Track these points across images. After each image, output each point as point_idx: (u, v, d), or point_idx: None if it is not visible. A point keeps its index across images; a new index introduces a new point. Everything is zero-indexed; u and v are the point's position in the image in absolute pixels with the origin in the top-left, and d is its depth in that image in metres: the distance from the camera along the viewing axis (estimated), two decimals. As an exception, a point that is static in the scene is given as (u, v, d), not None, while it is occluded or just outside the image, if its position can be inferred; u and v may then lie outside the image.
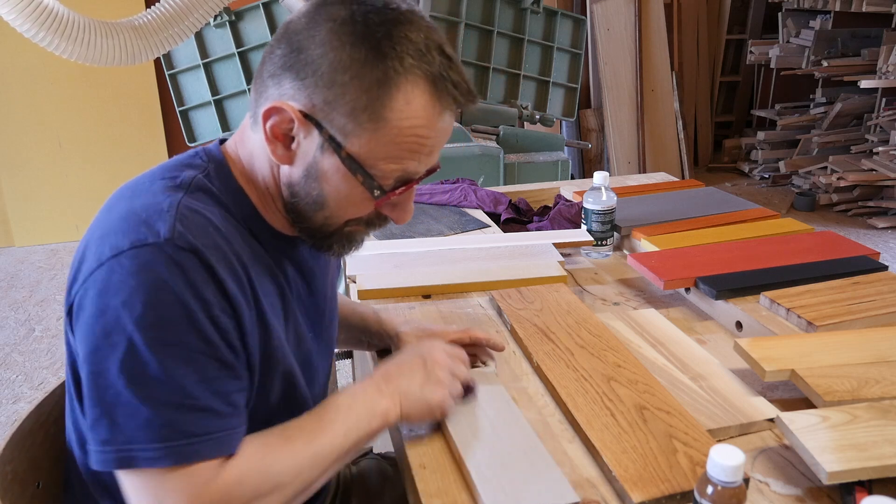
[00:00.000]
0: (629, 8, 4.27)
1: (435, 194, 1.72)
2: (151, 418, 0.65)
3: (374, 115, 0.68)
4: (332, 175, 0.72)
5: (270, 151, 0.72)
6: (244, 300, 0.71)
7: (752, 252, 1.28)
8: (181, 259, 0.66)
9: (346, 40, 0.67)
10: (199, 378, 0.67)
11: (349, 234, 0.79)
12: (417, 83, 0.69)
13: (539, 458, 0.78)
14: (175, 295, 0.65)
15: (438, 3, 2.86)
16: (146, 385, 0.65)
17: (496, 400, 0.89)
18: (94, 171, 3.74)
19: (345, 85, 0.68)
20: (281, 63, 0.70)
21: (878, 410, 0.80)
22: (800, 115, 4.62)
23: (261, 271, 0.76)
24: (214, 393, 0.68)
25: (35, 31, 1.98)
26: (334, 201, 0.74)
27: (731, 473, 0.61)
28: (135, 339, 0.65)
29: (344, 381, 2.39)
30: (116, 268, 0.66)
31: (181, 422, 0.66)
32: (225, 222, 0.73)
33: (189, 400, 0.66)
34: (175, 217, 0.68)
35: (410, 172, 0.74)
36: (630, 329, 1.08)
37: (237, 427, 0.70)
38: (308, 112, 0.70)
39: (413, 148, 0.71)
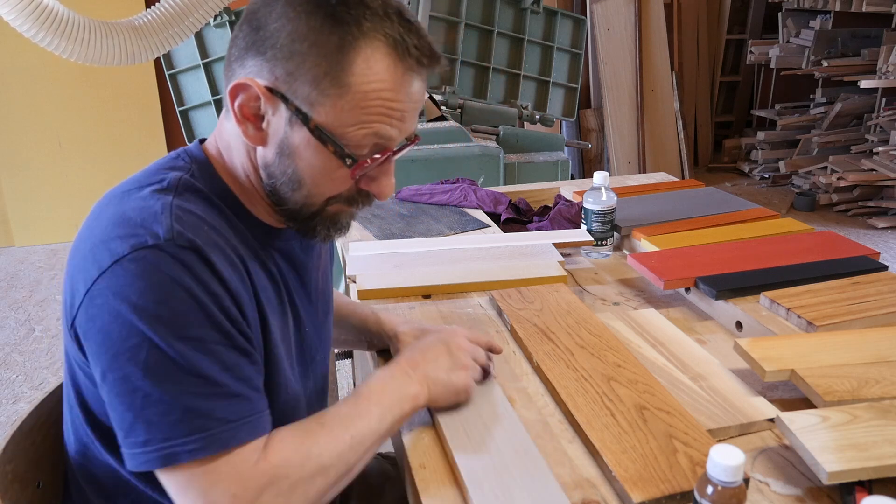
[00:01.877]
0: (629, 8, 4.27)
1: (435, 194, 1.72)
2: (185, 412, 0.66)
3: (336, 80, 0.68)
4: (303, 149, 0.72)
5: (242, 133, 0.72)
6: (245, 293, 0.72)
7: (752, 252, 1.28)
8: (184, 257, 0.67)
9: (302, 10, 0.68)
10: (222, 367, 0.68)
11: (333, 216, 0.79)
12: (377, 46, 0.69)
13: (532, 462, 0.78)
14: (185, 291, 0.66)
15: (438, 3, 2.86)
16: (174, 381, 0.66)
17: (492, 402, 0.89)
18: (94, 171, 3.74)
19: (304, 54, 0.68)
20: (243, 45, 0.71)
21: (878, 410, 0.80)
22: (800, 115, 4.62)
23: (257, 265, 0.77)
24: (239, 379, 0.69)
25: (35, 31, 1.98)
26: (310, 177, 0.73)
27: (731, 473, 0.61)
28: (154, 339, 0.65)
29: (344, 382, 2.39)
30: (121, 272, 0.66)
31: (215, 410, 0.67)
32: (217, 219, 0.74)
33: (218, 388, 0.67)
34: (171, 217, 0.68)
35: (383, 138, 0.72)
36: (630, 329, 1.08)
37: (265, 409, 0.72)
38: (272, 86, 0.70)
39: (380, 111, 0.70)
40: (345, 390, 2.34)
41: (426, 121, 2.46)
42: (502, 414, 0.87)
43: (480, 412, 0.87)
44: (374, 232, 1.53)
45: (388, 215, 1.64)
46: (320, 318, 0.91)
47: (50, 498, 0.89)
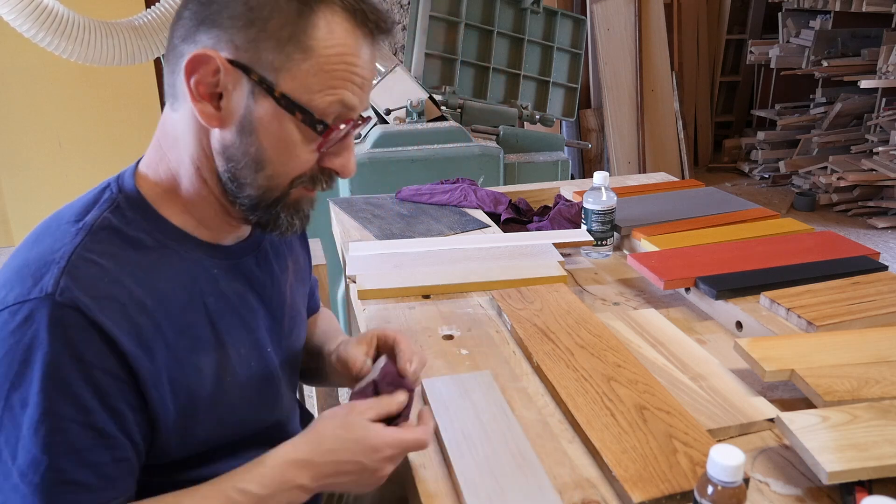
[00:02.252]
0: (629, 8, 4.27)
1: (435, 194, 1.72)
2: (17, 486, 0.63)
3: (300, 45, 0.67)
4: (268, 122, 0.68)
5: (199, 112, 0.68)
6: (143, 352, 0.67)
7: (752, 252, 1.28)
8: (62, 315, 0.63)
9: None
10: (67, 448, 0.63)
11: (295, 203, 0.74)
12: (336, 11, 0.68)
13: (528, 465, 0.78)
14: (50, 356, 0.62)
15: (438, 3, 2.86)
16: (15, 452, 0.63)
17: (490, 404, 0.89)
18: (94, 171, 3.73)
19: (265, 20, 0.66)
20: (193, 21, 0.68)
21: (878, 410, 0.80)
22: (800, 115, 4.62)
23: (180, 306, 0.71)
24: (84, 465, 0.64)
25: (35, 31, 1.98)
26: (275, 153, 0.70)
27: (732, 473, 0.61)
28: (12, 400, 0.63)
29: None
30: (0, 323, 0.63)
31: (46, 492, 0.63)
32: (130, 265, 0.69)
33: (54, 473, 0.63)
34: (63, 269, 0.64)
35: (347, 107, 0.70)
36: (630, 329, 1.08)
37: (110, 500, 0.66)
38: (232, 57, 0.67)
39: (344, 76, 0.69)
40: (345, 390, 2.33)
41: (426, 121, 2.46)
42: (500, 415, 0.87)
43: (478, 413, 0.87)
44: (374, 232, 1.53)
45: (388, 215, 1.64)
46: (285, 333, 0.87)
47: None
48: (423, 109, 2.43)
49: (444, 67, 2.94)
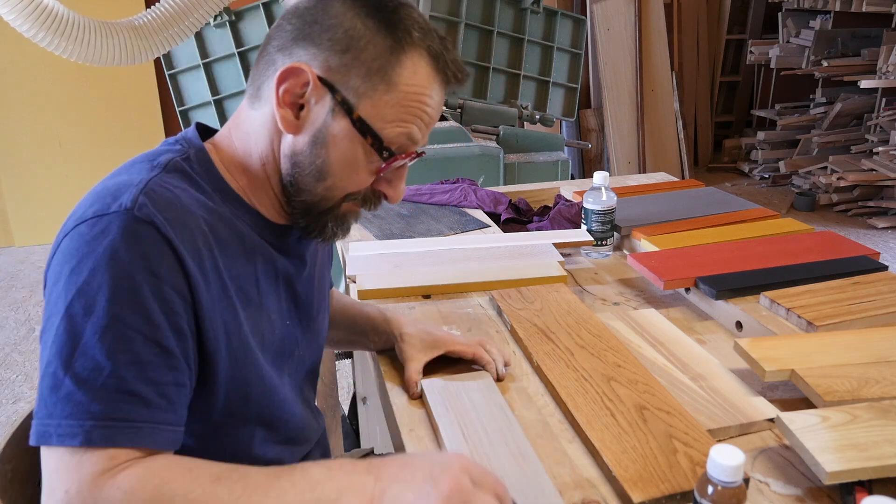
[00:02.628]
0: (629, 8, 4.27)
1: (435, 194, 1.72)
2: (72, 391, 0.62)
3: (386, 77, 0.73)
4: (340, 139, 0.74)
5: (280, 118, 0.74)
6: (202, 279, 0.69)
7: (752, 252, 1.28)
8: (138, 229, 0.65)
9: (361, 12, 0.73)
10: (131, 358, 0.63)
11: (344, 215, 0.80)
12: (422, 55, 0.74)
13: (529, 465, 0.78)
14: (124, 266, 0.64)
15: (438, 3, 2.86)
16: (74, 358, 0.62)
17: (490, 405, 0.89)
18: (94, 171, 3.74)
19: (360, 49, 0.72)
20: (293, 35, 0.74)
21: (878, 410, 0.80)
22: (800, 115, 4.62)
23: (233, 254, 0.75)
24: (146, 379, 0.64)
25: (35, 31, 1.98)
26: (339, 168, 0.75)
27: (731, 473, 0.61)
28: (74, 308, 0.63)
29: (344, 382, 2.39)
30: (76, 236, 0.66)
31: (101, 400, 0.62)
32: (197, 203, 0.73)
33: (115, 381, 0.62)
34: (141, 190, 0.68)
35: (412, 140, 0.76)
36: (630, 329, 1.08)
37: (164, 424, 0.65)
38: (323, 75, 0.73)
39: (416, 113, 0.75)
40: (345, 390, 2.34)
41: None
42: (499, 415, 0.87)
43: (478, 413, 0.87)
44: (374, 232, 1.53)
45: (388, 215, 1.64)
46: (314, 315, 0.90)
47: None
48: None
49: (444, 67, 2.94)
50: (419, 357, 0.97)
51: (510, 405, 0.90)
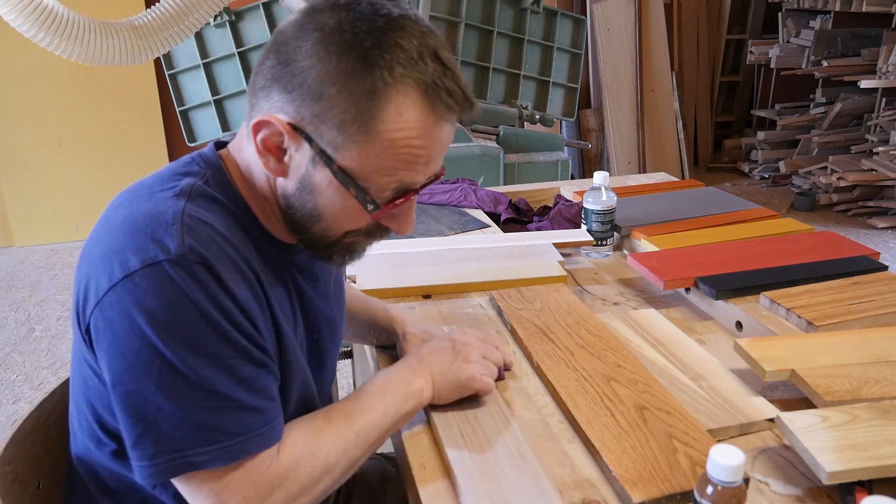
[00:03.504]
0: (629, 8, 4.27)
1: (435, 194, 1.72)
2: (198, 425, 0.66)
3: (364, 127, 0.67)
4: (325, 188, 0.71)
5: (263, 164, 0.72)
6: (257, 306, 0.72)
7: (752, 252, 1.28)
8: (195, 272, 0.66)
9: (333, 50, 0.66)
10: (236, 381, 0.68)
11: (349, 245, 0.78)
12: (409, 93, 0.67)
13: (528, 466, 0.77)
14: (197, 309, 0.66)
15: (438, 3, 2.86)
16: (186, 397, 0.66)
17: (490, 405, 0.89)
18: (94, 171, 3.74)
19: (332, 98, 0.66)
20: (270, 75, 0.69)
21: (878, 410, 0.80)
22: (800, 115, 4.62)
23: (270, 276, 0.76)
24: (254, 391, 0.70)
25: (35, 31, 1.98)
26: (330, 214, 0.73)
27: (731, 473, 0.61)
28: (167, 354, 0.65)
29: (344, 382, 2.39)
30: (132, 288, 0.65)
31: (226, 424, 0.67)
32: (231, 228, 0.73)
33: (231, 403, 0.68)
34: (182, 230, 0.67)
35: (407, 183, 0.72)
36: (630, 329, 1.08)
37: (278, 418, 0.72)
38: (297, 125, 0.68)
39: (407, 159, 0.69)
40: (345, 390, 2.34)
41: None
42: (498, 416, 0.87)
43: (476, 413, 0.87)
44: (374, 232, 1.53)
45: (388, 215, 1.64)
46: (336, 324, 0.91)
47: (50, 498, 0.89)
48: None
49: (444, 67, 2.94)
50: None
51: (510, 405, 0.90)
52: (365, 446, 0.78)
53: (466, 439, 0.82)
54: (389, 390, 0.82)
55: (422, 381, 0.85)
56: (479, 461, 0.78)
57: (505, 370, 0.98)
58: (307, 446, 0.73)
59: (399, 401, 0.82)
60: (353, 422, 0.77)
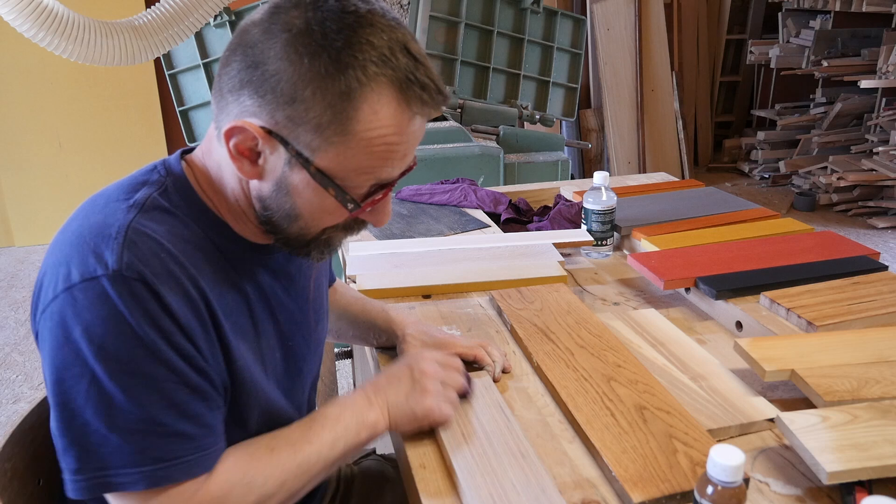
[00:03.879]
0: (629, 8, 4.27)
1: (435, 194, 1.72)
2: (121, 445, 0.65)
3: (341, 128, 0.66)
4: (302, 189, 0.70)
5: (237, 169, 0.70)
6: (199, 326, 0.70)
7: (752, 252, 1.28)
8: (133, 289, 0.65)
9: (304, 52, 0.64)
10: (167, 404, 0.67)
11: (327, 240, 0.78)
12: (383, 91, 0.66)
13: (530, 466, 0.77)
14: (132, 327, 0.65)
15: (438, 3, 2.86)
16: (113, 415, 0.65)
17: (490, 405, 0.89)
18: (94, 171, 3.74)
19: (307, 101, 0.65)
20: (239, 78, 0.67)
21: (878, 410, 0.80)
22: (800, 115, 4.62)
23: (223, 290, 0.74)
24: (185, 417, 0.68)
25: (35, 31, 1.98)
26: (308, 213, 0.73)
27: (732, 473, 0.61)
28: (97, 372, 0.64)
29: (344, 382, 2.39)
30: (71, 301, 0.65)
31: (152, 448, 0.66)
32: (181, 242, 0.71)
33: (158, 427, 0.66)
34: (123, 245, 0.66)
35: (384, 179, 0.72)
36: (630, 329, 1.08)
37: (212, 446, 0.70)
38: (271, 129, 0.67)
39: (384, 156, 0.69)
40: (344, 390, 2.34)
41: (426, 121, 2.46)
42: (499, 416, 0.87)
43: (477, 413, 0.87)
44: (374, 232, 1.53)
45: (388, 215, 1.64)
46: (312, 325, 0.90)
47: (51, 495, 0.89)
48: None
49: (444, 67, 2.94)
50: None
51: (510, 405, 0.90)
52: (307, 478, 0.76)
53: (467, 439, 0.82)
54: (342, 421, 0.80)
55: (377, 412, 0.82)
56: (481, 461, 0.78)
57: (504, 372, 0.98)
58: (242, 475, 0.72)
59: (351, 433, 0.79)
60: (298, 451, 0.75)
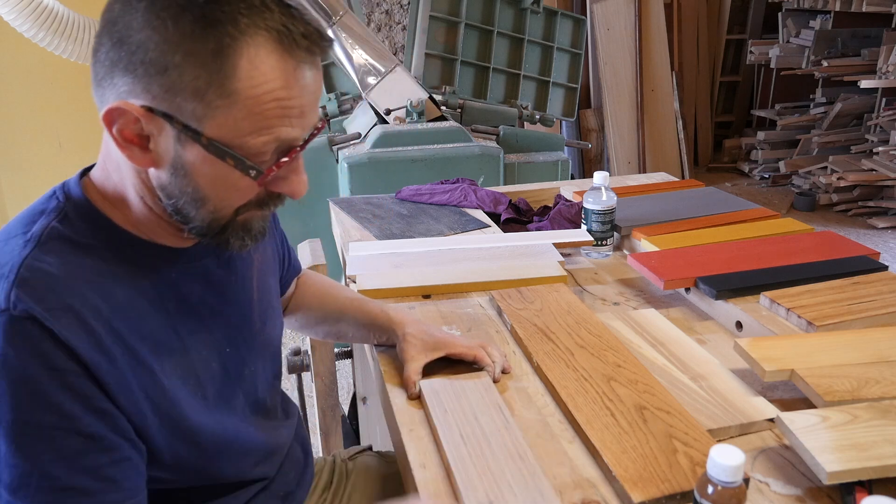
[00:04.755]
0: (629, 8, 4.27)
1: (435, 194, 1.72)
2: (9, 493, 0.61)
3: (222, 90, 0.61)
4: (200, 166, 0.65)
5: (128, 158, 0.65)
6: (104, 358, 0.64)
7: (752, 252, 1.28)
8: (21, 329, 0.60)
9: (167, 15, 0.60)
10: (57, 456, 0.61)
11: (244, 224, 0.71)
12: (260, 43, 0.61)
13: (527, 467, 0.77)
14: (19, 370, 0.60)
15: (438, 3, 2.86)
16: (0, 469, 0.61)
17: (490, 406, 0.89)
18: (94, 171, 3.74)
19: (179, 66, 0.60)
20: (108, 61, 0.63)
21: (878, 410, 0.80)
22: (800, 115, 4.63)
23: (139, 312, 0.69)
24: (79, 469, 0.63)
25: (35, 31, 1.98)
26: (213, 193, 0.67)
27: (732, 473, 0.61)
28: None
29: (344, 382, 2.39)
30: None
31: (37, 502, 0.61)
32: (83, 271, 0.66)
33: (48, 481, 0.61)
34: (13, 282, 0.62)
35: (286, 140, 0.65)
36: (630, 329, 1.08)
37: (112, 501, 0.65)
38: (150, 106, 0.62)
39: (277, 113, 0.63)
40: (344, 390, 2.34)
41: (426, 121, 2.46)
42: (497, 417, 0.86)
43: (476, 414, 0.87)
44: (374, 232, 1.53)
45: (388, 215, 1.64)
46: (256, 327, 0.85)
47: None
48: (423, 109, 2.43)
49: (444, 67, 2.94)
50: (419, 358, 0.96)
51: (510, 405, 0.90)
52: None
53: (466, 440, 0.82)
54: None
55: None
56: (479, 462, 0.78)
57: (504, 373, 0.97)
58: None
59: None
60: None
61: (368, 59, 2.49)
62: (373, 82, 2.47)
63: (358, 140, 2.46)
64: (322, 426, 1.57)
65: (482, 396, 0.90)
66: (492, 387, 0.93)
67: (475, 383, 0.93)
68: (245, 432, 0.82)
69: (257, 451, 0.85)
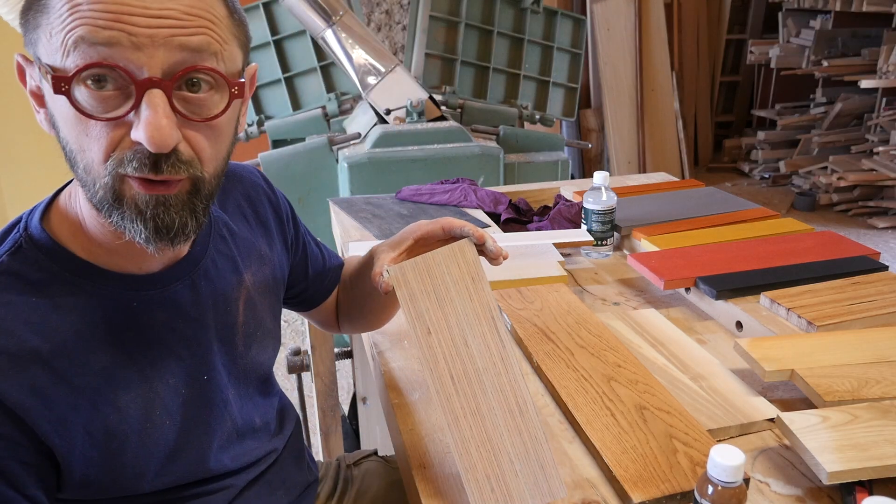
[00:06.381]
0: (629, 8, 4.27)
1: (435, 194, 1.72)
2: None
3: (40, 7, 0.59)
4: (56, 109, 0.61)
5: (41, 123, 0.64)
6: (38, 402, 0.62)
7: (752, 252, 1.28)
8: None
9: None
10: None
11: (132, 203, 0.62)
12: None
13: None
14: None
15: (438, 3, 2.86)
16: None
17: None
18: (94, 171, 3.74)
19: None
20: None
21: (879, 410, 0.80)
22: (800, 115, 4.63)
23: (87, 349, 0.67)
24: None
25: (35, 31, 1.98)
26: (73, 140, 0.61)
27: (732, 473, 0.61)
28: None
29: (344, 382, 2.39)
30: None
31: None
32: (26, 311, 0.64)
33: None
34: None
35: (91, 42, 0.57)
36: (630, 329, 1.08)
37: None
38: (26, 53, 0.62)
39: (72, 13, 0.57)
40: (344, 390, 2.34)
41: (426, 121, 2.46)
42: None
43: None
44: (374, 232, 1.53)
45: (388, 215, 1.64)
46: (239, 351, 0.81)
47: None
48: (423, 109, 2.43)
49: (444, 67, 2.94)
50: (386, 255, 0.85)
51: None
52: None
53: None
54: None
55: None
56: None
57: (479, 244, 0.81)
58: None
59: None
60: None
61: (368, 58, 2.48)
62: (373, 82, 2.47)
63: (358, 140, 2.45)
64: (322, 426, 1.57)
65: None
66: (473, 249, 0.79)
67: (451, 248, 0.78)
68: (220, 460, 0.79)
69: (232, 474, 0.82)
